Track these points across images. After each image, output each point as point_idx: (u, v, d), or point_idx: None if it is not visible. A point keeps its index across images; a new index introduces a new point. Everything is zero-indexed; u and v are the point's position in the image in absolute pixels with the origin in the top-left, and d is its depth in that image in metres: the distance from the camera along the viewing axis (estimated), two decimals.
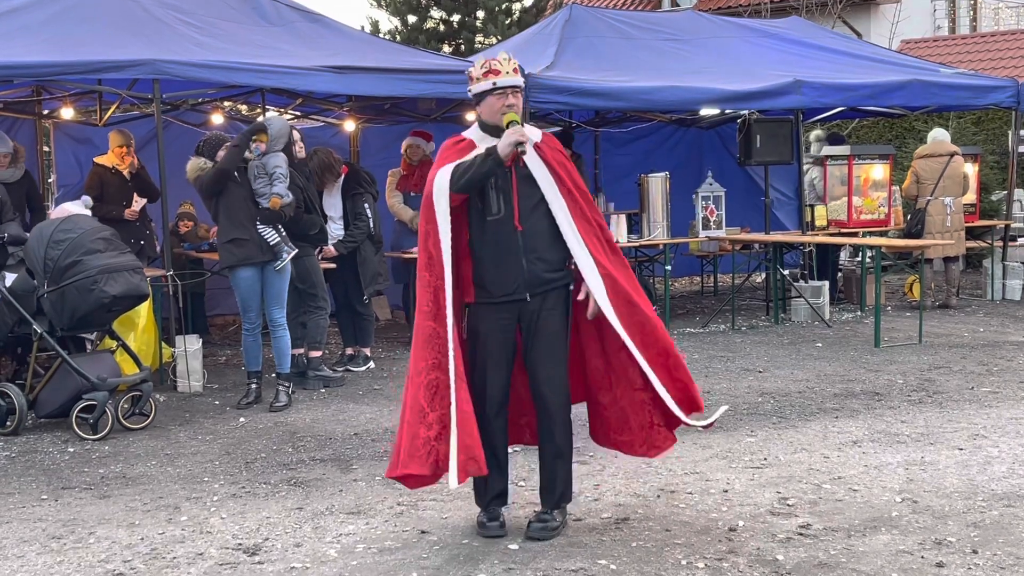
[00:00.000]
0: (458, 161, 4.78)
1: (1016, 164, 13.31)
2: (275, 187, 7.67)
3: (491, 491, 4.93)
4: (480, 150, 4.81)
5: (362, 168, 9.78)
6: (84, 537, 5.04)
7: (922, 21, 25.32)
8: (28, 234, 7.48)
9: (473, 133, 4.95)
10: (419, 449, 4.58)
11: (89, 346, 7.73)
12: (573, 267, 4.88)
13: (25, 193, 9.49)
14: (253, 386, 7.91)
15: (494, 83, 4.81)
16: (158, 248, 9.96)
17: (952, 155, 11.77)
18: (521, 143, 4.70)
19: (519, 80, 4.88)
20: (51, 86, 10.09)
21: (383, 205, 9.97)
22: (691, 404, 4.94)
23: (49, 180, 12.09)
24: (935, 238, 11.41)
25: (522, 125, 4.79)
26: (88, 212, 7.92)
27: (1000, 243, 12.84)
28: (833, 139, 13.26)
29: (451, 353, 4.62)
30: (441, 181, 4.72)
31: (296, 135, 8.50)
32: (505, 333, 4.85)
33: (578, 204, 4.85)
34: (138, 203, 9.65)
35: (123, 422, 7.11)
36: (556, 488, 4.92)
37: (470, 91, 4.92)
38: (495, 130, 4.85)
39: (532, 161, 4.85)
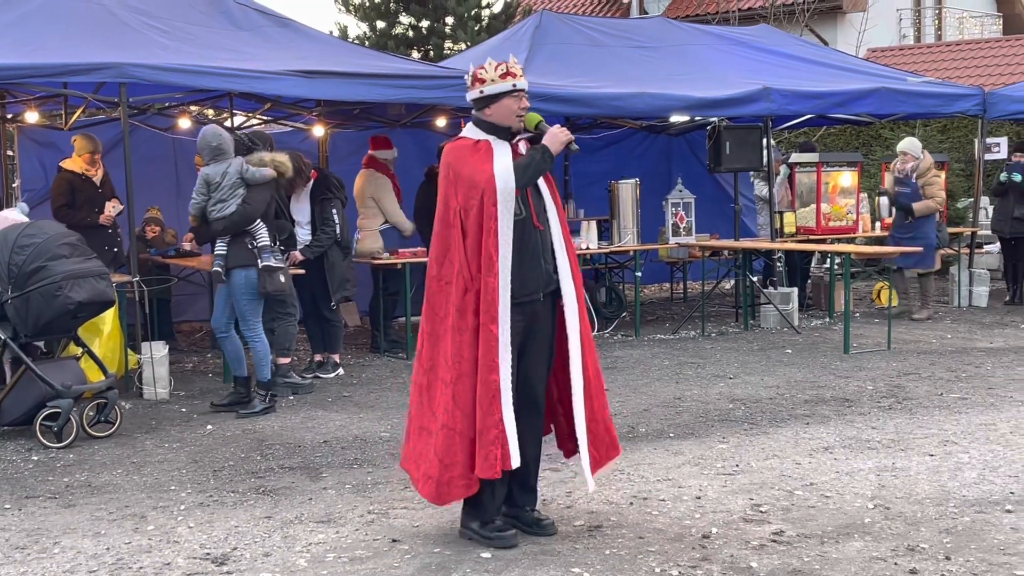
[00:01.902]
0: (514, 162, 4.80)
1: (982, 172, 13.41)
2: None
3: (498, 499, 4.89)
4: (502, 150, 4.81)
5: (331, 173, 9.72)
6: (48, 547, 4.95)
7: (888, 30, 25.51)
8: None
9: (478, 135, 4.89)
10: (506, 447, 4.66)
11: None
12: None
13: None
14: (233, 390, 7.88)
15: (514, 84, 4.85)
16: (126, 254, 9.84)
17: None
18: (572, 140, 4.85)
19: (525, 83, 4.92)
20: (15, 89, 9.95)
21: (351, 210, 9.90)
22: (611, 445, 5.00)
23: (13, 185, 11.94)
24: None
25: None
26: (26, 219, 7.74)
27: (967, 250, 12.92)
28: (804, 146, 13.31)
29: (505, 355, 4.69)
30: (507, 182, 4.72)
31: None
32: (519, 336, 4.82)
33: (561, 215, 4.99)
34: (112, 208, 9.50)
35: (88, 430, 7.00)
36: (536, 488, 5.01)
37: (481, 91, 4.86)
38: (506, 132, 4.88)
39: None
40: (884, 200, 11.83)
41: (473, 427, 4.68)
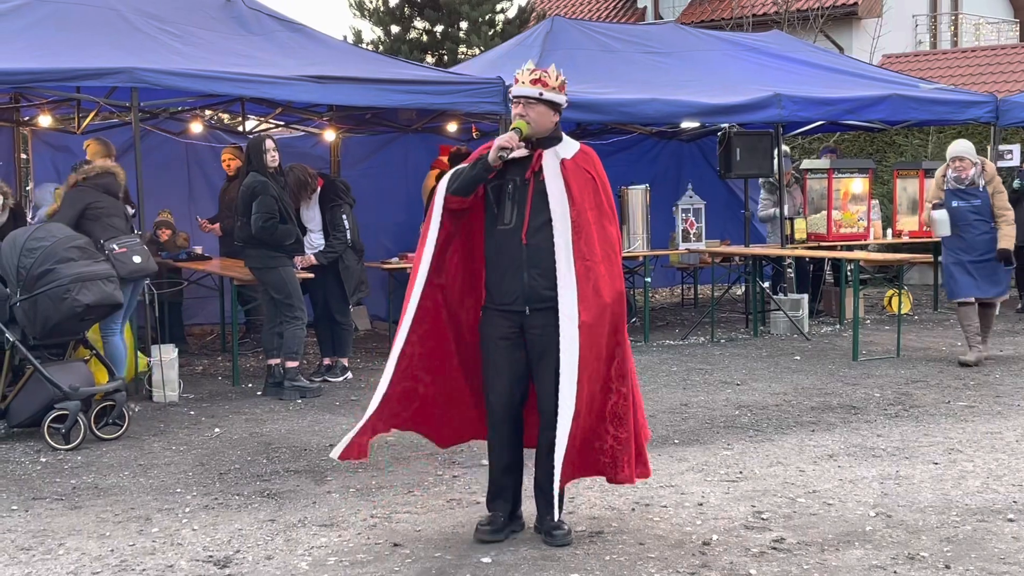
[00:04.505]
0: (463, 165, 4.92)
1: None
2: None
3: (492, 494, 5.04)
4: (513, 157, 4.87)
5: (338, 178, 9.77)
6: (53, 548, 4.99)
7: (904, 36, 25.46)
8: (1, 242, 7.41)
9: None
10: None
11: None
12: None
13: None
14: None
15: (511, 91, 4.93)
16: None
17: None
18: (505, 148, 4.75)
19: (530, 91, 4.85)
20: (29, 93, 10.04)
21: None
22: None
23: (27, 188, 12.03)
24: None
25: (520, 133, 4.80)
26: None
27: None
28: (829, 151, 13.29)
29: (403, 336, 4.87)
30: (443, 183, 4.91)
31: (270, 144, 8.46)
32: (507, 341, 4.87)
33: (584, 233, 4.75)
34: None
35: (96, 432, 7.05)
36: (561, 499, 4.96)
37: None
38: (528, 140, 4.91)
39: (551, 178, 4.83)
40: (940, 214, 9.35)
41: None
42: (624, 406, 4.82)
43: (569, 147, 4.94)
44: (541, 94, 4.85)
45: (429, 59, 19.56)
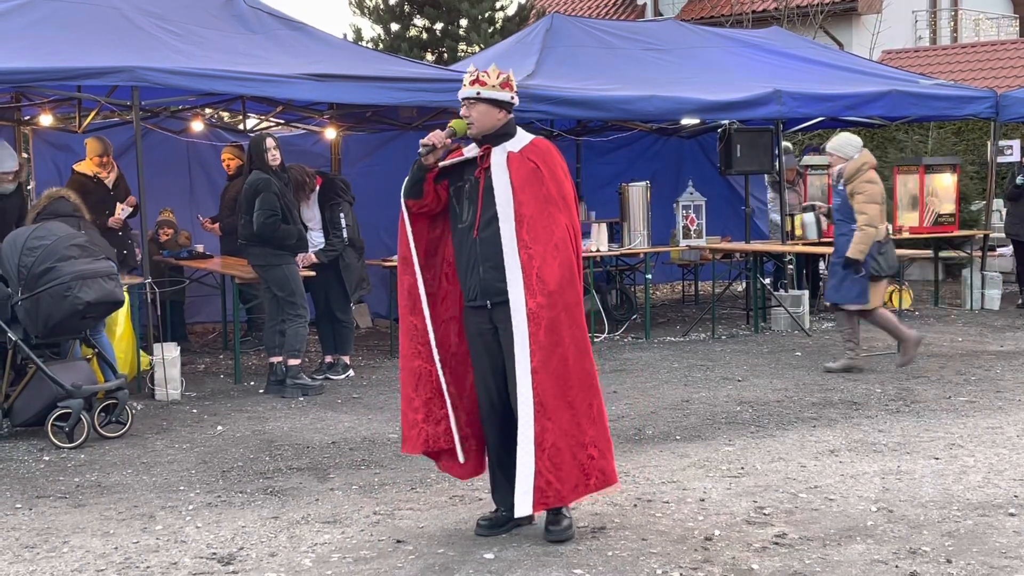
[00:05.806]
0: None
1: (995, 174, 13.37)
2: None
3: (491, 487, 5.13)
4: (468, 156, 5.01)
5: (337, 176, 9.78)
6: (58, 546, 5.01)
7: (904, 32, 25.45)
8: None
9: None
10: (410, 430, 5.00)
11: None
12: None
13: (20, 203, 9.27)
14: None
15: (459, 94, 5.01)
16: (139, 257, 9.90)
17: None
18: (426, 145, 4.89)
19: (469, 91, 4.93)
20: (30, 92, 10.05)
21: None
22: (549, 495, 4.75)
23: (28, 187, 12.03)
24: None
25: (454, 132, 4.90)
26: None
27: (979, 253, 12.89)
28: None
29: (432, 342, 4.94)
30: (402, 189, 5.04)
31: (271, 142, 8.47)
32: (483, 337, 4.95)
33: (526, 223, 4.77)
34: (121, 210, 9.56)
35: (99, 430, 7.06)
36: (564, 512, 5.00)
37: None
38: (480, 139, 4.99)
39: (497, 172, 4.89)
40: (806, 217, 9.86)
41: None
42: (600, 405, 4.87)
43: (520, 141, 4.97)
44: (479, 93, 4.91)
45: (429, 57, 19.57)
